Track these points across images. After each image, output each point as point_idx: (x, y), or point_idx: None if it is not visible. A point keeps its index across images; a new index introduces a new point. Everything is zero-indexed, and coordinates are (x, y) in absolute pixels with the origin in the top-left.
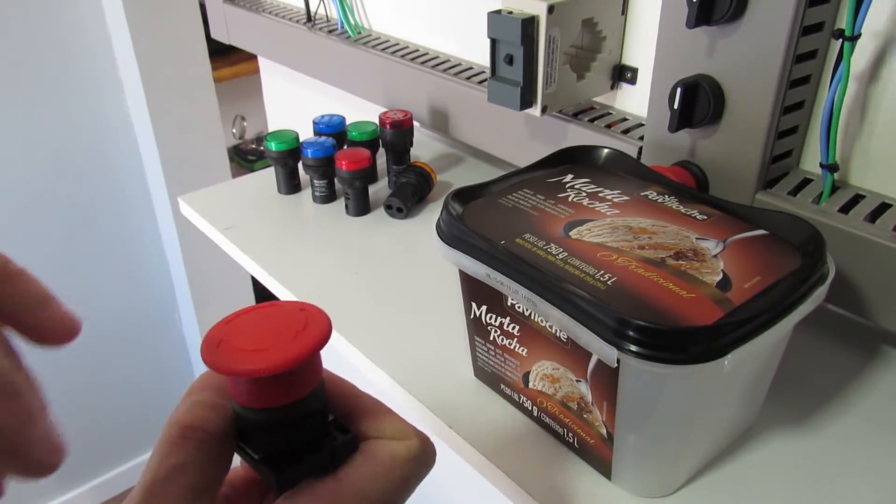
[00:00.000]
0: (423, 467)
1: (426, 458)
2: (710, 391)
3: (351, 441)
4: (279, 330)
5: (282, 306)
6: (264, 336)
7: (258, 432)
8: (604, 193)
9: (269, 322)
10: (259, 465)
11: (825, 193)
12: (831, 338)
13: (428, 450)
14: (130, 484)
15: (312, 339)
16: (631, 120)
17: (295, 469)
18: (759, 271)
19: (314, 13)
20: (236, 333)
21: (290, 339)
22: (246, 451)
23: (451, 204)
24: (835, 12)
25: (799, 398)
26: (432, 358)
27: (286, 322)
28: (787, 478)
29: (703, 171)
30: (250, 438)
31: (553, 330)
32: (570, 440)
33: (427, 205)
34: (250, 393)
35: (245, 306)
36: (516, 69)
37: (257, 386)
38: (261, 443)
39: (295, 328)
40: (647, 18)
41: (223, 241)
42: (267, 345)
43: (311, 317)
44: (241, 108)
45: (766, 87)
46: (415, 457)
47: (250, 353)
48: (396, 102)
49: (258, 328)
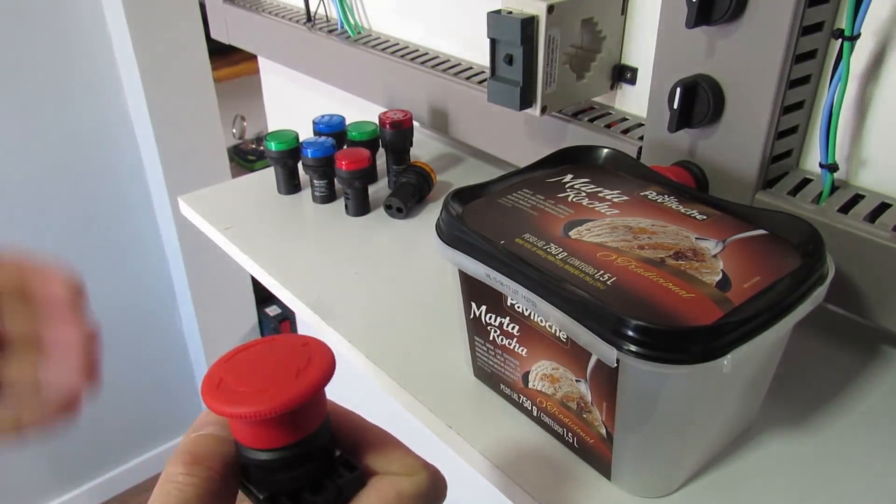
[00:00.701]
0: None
1: (435, 493)
2: (709, 391)
3: (357, 478)
4: (280, 367)
5: (283, 341)
6: (265, 374)
7: (262, 472)
8: (603, 193)
9: (271, 359)
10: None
11: (825, 193)
12: (831, 338)
13: (437, 485)
14: (130, 484)
15: (315, 378)
16: (631, 120)
17: None
18: (759, 271)
19: (314, 13)
20: (237, 371)
21: (292, 378)
22: (250, 490)
23: (451, 204)
24: (834, 12)
25: (799, 398)
26: (432, 358)
27: (288, 359)
28: (786, 478)
29: (702, 170)
30: (254, 478)
31: (553, 330)
32: (569, 440)
33: (427, 205)
34: (252, 434)
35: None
36: (516, 69)
37: (259, 427)
38: (265, 482)
39: (297, 365)
40: (647, 18)
41: (223, 241)
42: (268, 384)
43: (314, 352)
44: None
45: (765, 87)
46: (423, 493)
47: (251, 393)
48: (396, 102)
49: (259, 366)
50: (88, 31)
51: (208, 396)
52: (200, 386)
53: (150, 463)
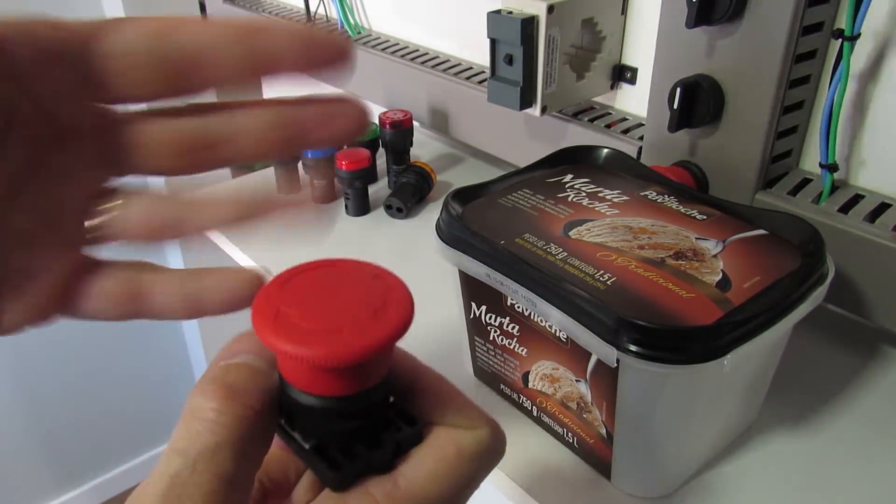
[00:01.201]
0: (492, 461)
1: (496, 450)
2: (709, 391)
3: (416, 433)
4: (352, 303)
5: (351, 269)
6: (334, 310)
7: (311, 418)
8: (603, 193)
9: (338, 290)
10: (310, 456)
11: (825, 193)
12: (831, 338)
13: (499, 440)
14: (130, 484)
15: (396, 322)
16: (631, 120)
17: (354, 466)
18: (759, 271)
19: (314, 13)
20: (297, 302)
21: (369, 319)
22: (293, 437)
23: (451, 204)
24: (834, 12)
25: (799, 398)
26: (432, 358)
27: (360, 293)
28: (786, 478)
29: (702, 170)
30: (300, 423)
31: (553, 330)
32: (569, 440)
33: (427, 205)
34: (309, 377)
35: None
36: (516, 69)
37: (322, 372)
38: (313, 430)
39: (372, 303)
40: (647, 18)
41: (223, 240)
42: (340, 323)
43: (390, 288)
44: None
45: (765, 87)
46: (485, 450)
47: (320, 332)
48: (396, 102)
49: (325, 298)
50: None
51: (265, 329)
52: (251, 314)
53: (151, 463)
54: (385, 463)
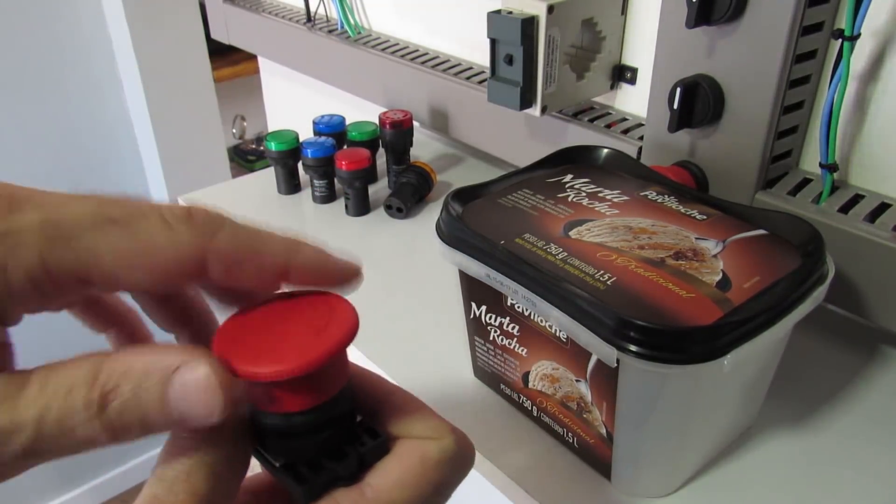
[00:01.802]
0: (459, 470)
1: (462, 459)
2: (709, 391)
3: (381, 445)
4: (299, 325)
5: (301, 297)
6: (283, 332)
7: (278, 438)
8: (603, 193)
9: (288, 316)
10: (279, 473)
11: (825, 193)
12: (831, 338)
13: (465, 450)
14: (130, 484)
15: (337, 336)
16: (631, 120)
17: (319, 478)
18: (759, 271)
19: (314, 13)
20: (251, 328)
21: (313, 337)
22: (265, 458)
23: (451, 204)
24: (834, 12)
25: (799, 398)
26: (432, 358)
27: (306, 316)
28: (786, 478)
29: (702, 171)
30: (269, 444)
31: (553, 330)
32: (569, 440)
33: (427, 205)
34: (268, 397)
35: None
36: (516, 69)
37: (276, 390)
38: (282, 449)
39: (317, 323)
40: (647, 18)
41: None
42: (286, 343)
43: (335, 309)
44: (241, 108)
45: (765, 87)
46: (449, 458)
47: (268, 352)
48: (396, 102)
49: (276, 323)
50: (88, 31)
51: (222, 355)
52: (212, 344)
53: (150, 463)
54: (351, 474)
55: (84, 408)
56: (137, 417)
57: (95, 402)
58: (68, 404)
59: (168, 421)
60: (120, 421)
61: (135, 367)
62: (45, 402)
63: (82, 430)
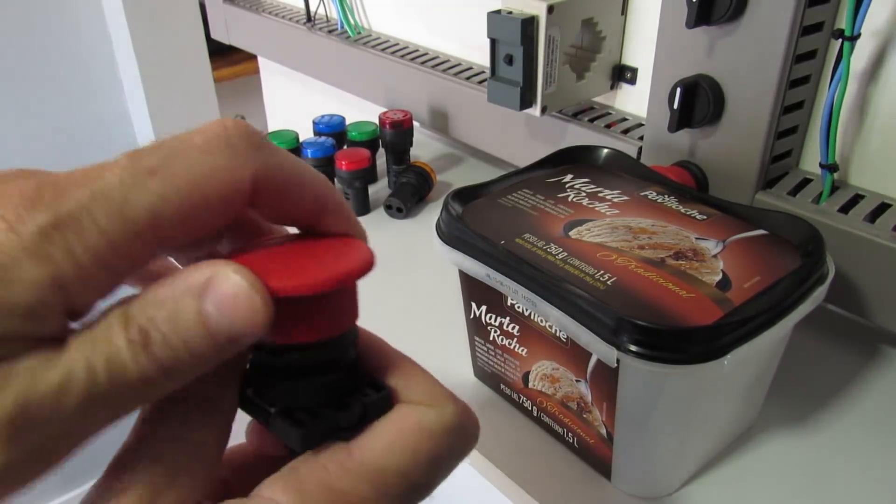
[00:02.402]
0: (459, 442)
1: (464, 433)
2: (709, 391)
3: (384, 399)
4: (318, 252)
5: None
6: (303, 257)
7: (277, 379)
8: (603, 193)
9: (306, 245)
10: (275, 419)
11: (825, 193)
12: (831, 338)
13: (467, 424)
14: None
15: (355, 263)
16: (631, 120)
17: (319, 425)
18: (759, 271)
19: (314, 13)
20: (265, 254)
21: (332, 262)
22: (256, 405)
23: (451, 204)
24: (834, 12)
25: (799, 398)
26: (432, 358)
27: (324, 246)
28: (787, 478)
29: (702, 171)
30: (265, 388)
31: (553, 330)
32: (569, 440)
33: (427, 205)
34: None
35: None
36: (516, 69)
37: (286, 312)
38: (278, 393)
39: (333, 252)
40: (647, 18)
41: None
42: (307, 264)
43: (351, 245)
44: (241, 108)
45: (765, 87)
46: (448, 429)
47: (288, 270)
48: (396, 102)
49: (294, 249)
50: (88, 31)
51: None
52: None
53: None
54: (352, 425)
55: (127, 347)
56: (182, 344)
57: (137, 339)
58: (111, 349)
59: (214, 343)
60: (166, 352)
61: (163, 295)
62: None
63: (133, 370)
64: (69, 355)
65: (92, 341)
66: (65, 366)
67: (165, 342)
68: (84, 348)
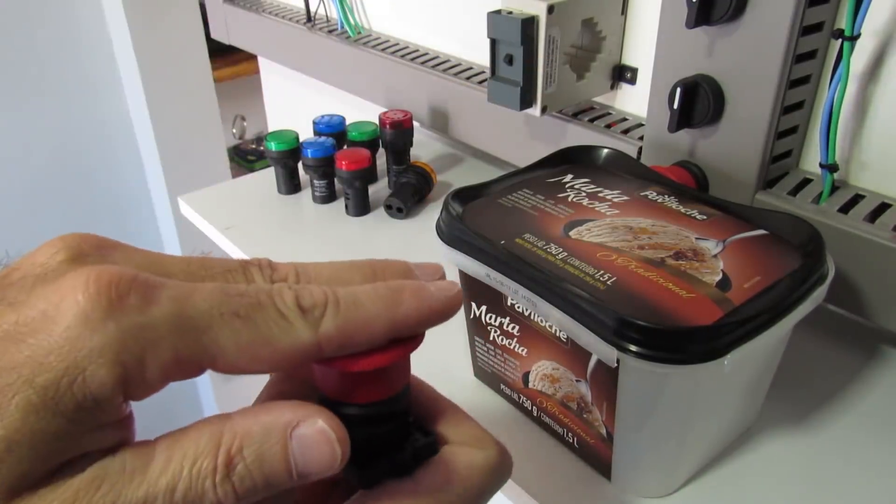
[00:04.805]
0: (499, 479)
1: (503, 469)
2: (709, 391)
3: (432, 443)
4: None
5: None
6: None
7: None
8: (603, 193)
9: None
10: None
11: (825, 193)
12: (831, 338)
13: (506, 461)
14: None
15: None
16: (631, 120)
17: (378, 466)
18: (759, 271)
19: (314, 13)
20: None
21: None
22: None
23: (451, 204)
24: (835, 12)
25: (799, 398)
26: (432, 358)
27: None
28: (787, 478)
29: (702, 171)
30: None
31: (553, 330)
32: (569, 440)
33: (427, 205)
34: (343, 386)
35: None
36: (516, 69)
37: (355, 380)
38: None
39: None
40: (647, 18)
41: (223, 241)
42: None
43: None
44: (241, 108)
45: (765, 87)
46: (493, 468)
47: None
48: (396, 102)
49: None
50: (88, 31)
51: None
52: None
53: None
54: (406, 466)
55: (211, 474)
56: (263, 477)
57: (222, 468)
58: (195, 473)
59: (290, 478)
60: (246, 483)
61: (255, 429)
62: (173, 473)
63: (211, 496)
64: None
65: (179, 461)
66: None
67: (247, 474)
68: (170, 468)
